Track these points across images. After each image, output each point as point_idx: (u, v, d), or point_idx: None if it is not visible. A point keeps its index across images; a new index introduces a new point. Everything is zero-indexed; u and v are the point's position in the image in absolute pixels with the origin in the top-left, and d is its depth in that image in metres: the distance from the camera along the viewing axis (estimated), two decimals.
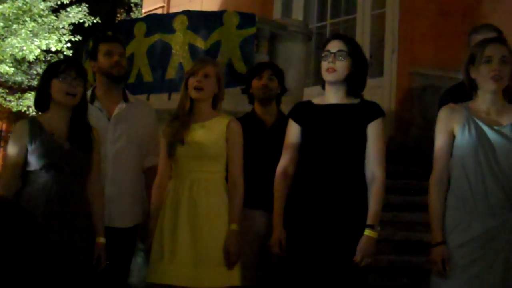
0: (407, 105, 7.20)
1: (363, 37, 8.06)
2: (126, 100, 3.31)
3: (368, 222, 2.69)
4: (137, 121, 3.31)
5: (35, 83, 12.19)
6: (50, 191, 2.71)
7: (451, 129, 2.66)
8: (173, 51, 5.15)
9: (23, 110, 11.97)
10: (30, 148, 2.75)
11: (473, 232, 2.56)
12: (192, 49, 5.10)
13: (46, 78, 2.82)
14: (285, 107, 3.74)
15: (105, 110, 3.25)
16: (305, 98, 5.87)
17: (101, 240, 2.87)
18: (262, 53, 5.59)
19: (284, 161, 2.88)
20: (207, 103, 3.02)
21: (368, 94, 3.81)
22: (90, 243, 2.82)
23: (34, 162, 2.74)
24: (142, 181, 3.33)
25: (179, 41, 5.14)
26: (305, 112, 2.87)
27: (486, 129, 2.61)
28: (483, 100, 2.67)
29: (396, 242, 4.88)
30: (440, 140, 2.69)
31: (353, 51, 2.80)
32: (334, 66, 2.76)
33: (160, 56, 5.19)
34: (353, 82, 2.81)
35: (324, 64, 2.78)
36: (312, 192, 2.76)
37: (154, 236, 2.92)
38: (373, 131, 2.76)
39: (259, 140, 3.26)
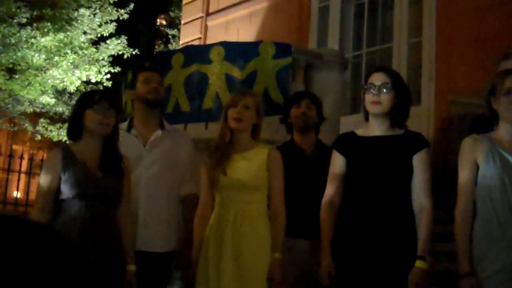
0: (445, 134, 7.12)
1: (400, 66, 8.04)
2: (162, 127, 3.39)
3: (419, 253, 2.68)
4: (173, 148, 3.38)
5: None
6: (84, 219, 2.76)
7: (474, 160, 2.68)
8: (210, 81, 5.22)
9: (63, 140, 12.23)
10: (63, 177, 2.81)
11: (502, 262, 2.53)
12: (229, 79, 5.17)
13: (80, 107, 2.89)
14: (322, 136, 3.76)
15: (141, 137, 3.33)
16: (341, 127, 5.91)
17: (132, 267, 2.91)
18: (298, 82, 5.63)
19: (330, 192, 2.89)
20: (247, 133, 3.07)
21: (407, 123, 3.77)
22: (121, 270, 2.86)
23: (67, 191, 2.80)
24: (178, 208, 3.37)
25: (215, 72, 5.22)
26: (350, 144, 2.90)
27: (511, 159, 2.61)
28: (505, 131, 2.67)
29: (437, 273, 4.79)
30: (464, 171, 2.70)
31: (396, 83, 2.82)
32: (379, 99, 2.78)
33: (197, 86, 5.27)
34: (397, 114, 2.83)
35: (369, 97, 2.80)
36: (361, 223, 2.76)
37: (199, 266, 2.97)
38: (419, 161, 2.77)
39: (299, 168, 3.29)
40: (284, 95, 4.94)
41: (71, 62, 10.77)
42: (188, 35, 10.92)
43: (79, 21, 10.84)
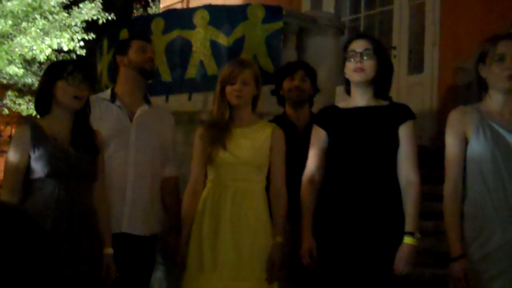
0: (450, 104, 7.13)
1: (401, 30, 8.03)
2: (148, 102, 3.41)
3: (407, 229, 2.73)
4: (159, 126, 3.43)
5: None
6: (58, 199, 2.75)
7: (463, 133, 2.69)
8: (194, 49, 5.18)
9: (33, 114, 12.17)
10: (33, 155, 2.79)
11: (495, 242, 2.55)
12: (214, 46, 5.13)
13: (50, 78, 2.86)
14: (317, 108, 3.76)
15: (125, 109, 3.33)
16: (337, 98, 5.89)
17: (109, 250, 2.92)
18: (289, 49, 5.60)
19: (311, 167, 2.95)
20: (248, 107, 3.09)
21: (407, 92, 3.77)
22: (100, 253, 2.87)
23: (38, 170, 2.78)
24: (159, 190, 3.41)
25: (199, 38, 5.18)
26: (331, 117, 2.93)
27: (502, 131, 2.62)
28: (496, 101, 2.68)
29: (441, 254, 4.83)
30: (452, 146, 2.73)
31: (378, 49, 2.87)
32: (362, 66, 2.81)
33: (179, 54, 5.23)
34: (381, 83, 2.87)
35: (351, 64, 2.84)
36: (343, 199, 2.80)
37: (190, 245, 2.99)
38: (406, 133, 2.82)
39: (291, 144, 3.29)
40: (275, 63, 4.92)
41: (40, 29, 10.66)
42: None
43: None
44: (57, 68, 2.88)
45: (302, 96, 3.54)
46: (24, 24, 10.56)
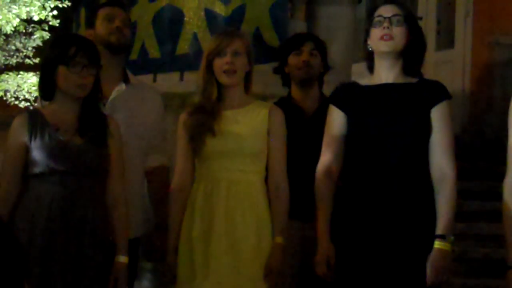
0: (485, 85, 7.13)
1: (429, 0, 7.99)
2: (126, 81, 3.34)
3: (439, 231, 2.71)
4: (139, 108, 3.36)
5: (13, 61, 12.34)
6: (52, 200, 2.78)
7: None
8: (186, 19, 5.14)
9: (0, 95, 12.15)
10: (30, 147, 2.81)
11: None
12: (210, 16, 5.09)
13: (51, 62, 2.87)
14: (329, 90, 3.74)
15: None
16: (354, 77, 5.86)
17: (122, 259, 2.91)
18: (298, 20, 5.57)
19: (327, 158, 2.89)
20: (240, 86, 3.06)
21: (435, 70, 3.73)
22: (104, 263, 2.87)
23: (36, 164, 2.81)
24: (143, 185, 3.38)
25: (192, 6, 5.14)
26: (351, 96, 2.89)
27: None
28: None
29: (472, 261, 4.85)
30: None
31: (410, 17, 2.86)
32: (391, 33, 2.78)
33: (169, 25, 5.19)
34: (411, 56, 2.83)
35: (377, 32, 2.81)
36: (366, 196, 2.77)
37: (180, 251, 2.97)
38: (439, 117, 2.79)
39: (297, 132, 3.27)
40: (281, 36, 4.88)
41: None
42: None
43: None
44: (58, 50, 2.88)
45: (311, 73, 3.51)
46: None
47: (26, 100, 11.34)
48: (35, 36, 11.46)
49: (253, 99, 3.09)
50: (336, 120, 2.90)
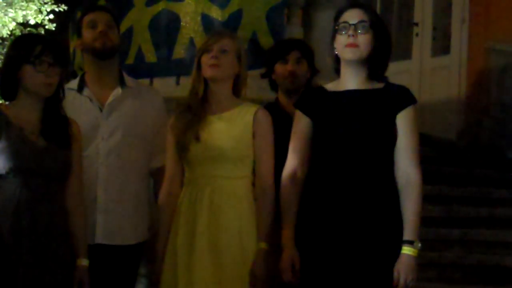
0: (481, 91, 7.12)
1: (424, 3, 7.99)
2: (123, 84, 3.33)
3: (406, 237, 2.70)
4: (138, 110, 3.32)
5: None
6: (19, 202, 2.74)
7: None
8: (182, 24, 5.16)
9: None
10: None
11: None
12: (206, 20, 5.11)
13: (15, 60, 2.82)
14: None
15: (96, 99, 3.27)
16: None
17: (83, 262, 2.89)
18: (294, 24, 5.58)
19: (292, 164, 2.88)
20: (226, 86, 3.03)
21: (431, 76, 3.72)
22: (70, 266, 2.84)
23: (0, 165, 2.76)
24: (148, 187, 3.36)
25: (189, 11, 5.15)
26: (317, 102, 2.87)
27: None
28: None
29: (468, 267, 4.84)
30: None
31: (376, 22, 2.82)
32: (356, 41, 2.76)
33: (166, 30, 5.21)
34: (376, 62, 2.82)
35: (342, 39, 2.78)
36: (330, 201, 2.76)
37: (166, 259, 2.95)
38: (404, 123, 2.78)
39: (285, 137, 3.25)
40: (277, 41, 4.89)
41: None
42: None
43: None
44: (23, 48, 2.83)
45: (297, 82, 3.48)
46: None
47: None
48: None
49: (241, 102, 3.06)
50: (302, 126, 2.89)
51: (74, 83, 3.33)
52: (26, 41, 2.92)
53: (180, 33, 5.16)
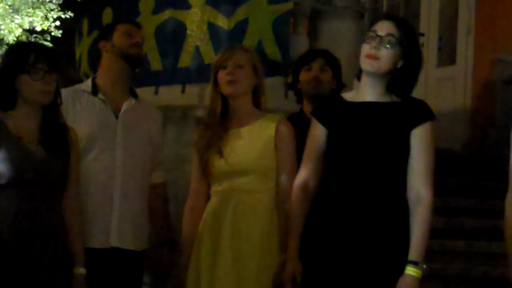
0: (486, 102, 7.12)
1: (430, 14, 8.00)
2: (135, 95, 3.39)
3: (411, 257, 2.66)
4: (147, 125, 3.44)
5: None
6: (17, 214, 2.74)
7: None
8: (188, 32, 5.15)
9: None
10: None
11: None
12: (212, 29, 5.10)
13: (11, 71, 2.82)
14: None
15: (109, 103, 3.34)
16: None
17: (80, 271, 2.90)
18: (300, 34, 5.57)
19: (304, 173, 2.87)
20: (246, 100, 3.05)
21: (437, 86, 3.70)
22: (67, 275, 2.85)
23: None
24: (147, 199, 3.42)
25: (195, 20, 5.15)
26: (333, 111, 2.85)
27: None
28: None
29: (473, 279, 4.82)
30: None
31: (406, 39, 2.76)
32: (377, 54, 2.71)
33: (171, 38, 5.19)
34: (399, 79, 2.76)
35: (365, 48, 2.75)
36: (338, 214, 2.74)
37: (189, 272, 2.98)
38: (419, 139, 2.73)
39: None
40: (283, 50, 4.88)
41: (9, 5, 10.64)
42: None
43: None
44: (17, 58, 2.84)
45: (321, 88, 3.51)
46: None
47: None
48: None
49: (262, 114, 3.08)
50: (317, 135, 2.87)
51: (86, 85, 3.43)
52: (20, 50, 2.94)
53: (186, 41, 5.15)
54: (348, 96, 2.89)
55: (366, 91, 2.81)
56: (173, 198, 3.60)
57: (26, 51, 2.88)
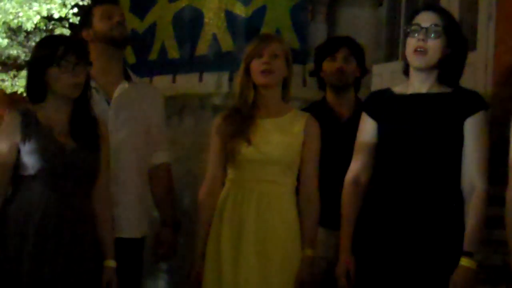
0: (508, 89, 7.06)
1: (450, 0, 7.93)
2: (128, 79, 3.36)
3: (466, 248, 2.66)
4: (143, 106, 3.38)
5: None
6: (47, 205, 2.75)
7: None
8: (206, 20, 5.14)
9: (19, 92, 12.21)
10: (23, 148, 2.78)
11: None
12: (230, 17, 5.09)
13: (40, 64, 2.84)
14: (363, 93, 3.70)
15: (102, 91, 3.31)
16: (375, 78, 5.83)
17: (111, 263, 2.92)
18: (318, 22, 5.54)
19: (356, 167, 2.87)
20: (277, 92, 3.05)
21: None
22: (97, 268, 2.87)
23: (28, 166, 2.78)
24: (144, 183, 3.39)
25: (213, 7, 5.14)
26: (384, 104, 2.85)
27: None
28: None
29: (492, 268, 4.80)
30: None
31: (450, 27, 2.75)
32: (425, 46, 2.71)
33: (189, 26, 5.19)
34: (448, 68, 2.76)
35: (412, 42, 2.74)
36: (392, 208, 2.73)
37: (207, 261, 2.97)
38: (473, 129, 2.72)
39: (332, 138, 3.25)
40: (301, 38, 4.88)
41: None
42: None
43: None
44: (47, 51, 2.85)
45: (345, 80, 3.48)
46: None
47: None
48: (55, 34, 11.50)
49: (290, 108, 3.10)
50: (368, 128, 2.87)
51: None
52: (49, 43, 2.96)
53: (203, 29, 5.14)
54: (397, 89, 2.89)
55: (416, 84, 2.81)
56: (189, 187, 3.61)
57: (55, 44, 2.90)
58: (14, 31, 11.93)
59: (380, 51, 7.46)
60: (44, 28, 12.03)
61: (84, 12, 3.67)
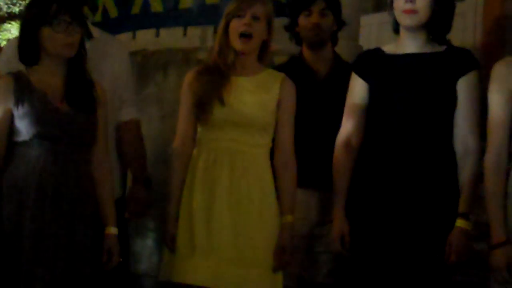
0: (497, 38, 7.01)
1: None
2: (89, 36, 3.27)
3: (461, 209, 2.66)
4: (104, 62, 3.30)
5: (16, 9, 12.26)
6: (44, 168, 2.72)
7: (510, 91, 2.58)
8: None
9: (2, 45, 12.06)
10: (16, 113, 2.75)
11: None
12: None
13: (33, 24, 2.78)
14: (340, 46, 3.64)
15: None
16: (362, 30, 5.75)
17: (112, 230, 2.89)
18: None
19: (347, 129, 2.84)
20: (254, 53, 2.97)
21: None
22: (98, 234, 2.84)
23: (22, 130, 2.74)
24: (114, 140, 3.32)
25: None
26: (374, 64, 2.82)
27: None
28: None
29: (485, 225, 4.81)
30: (496, 106, 2.60)
31: None
32: (414, 7, 2.68)
33: None
34: (437, 25, 2.73)
35: (399, 4, 2.71)
36: (385, 170, 2.72)
37: (180, 222, 2.91)
38: (465, 89, 2.71)
39: (309, 95, 3.20)
40: None
41: None
42: None
43: None
44: (38, 10, 2.78)
45: (322, 35, 3.41)
46: None
47: None
48: None
49: (265, 67, 3.02)
50: (358, 90, 2.86)
51: None
52: (41, 1, 2.86)
53: None
54: (387, 49, 2.87)
55: (407, 43, 2.80)
56: (171, 144, 3.55)
57: (47, 2, 2.82)
58: None
59: (367, 1, 7.38)
60: None
61: None
